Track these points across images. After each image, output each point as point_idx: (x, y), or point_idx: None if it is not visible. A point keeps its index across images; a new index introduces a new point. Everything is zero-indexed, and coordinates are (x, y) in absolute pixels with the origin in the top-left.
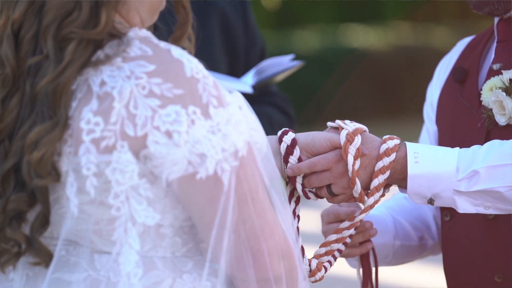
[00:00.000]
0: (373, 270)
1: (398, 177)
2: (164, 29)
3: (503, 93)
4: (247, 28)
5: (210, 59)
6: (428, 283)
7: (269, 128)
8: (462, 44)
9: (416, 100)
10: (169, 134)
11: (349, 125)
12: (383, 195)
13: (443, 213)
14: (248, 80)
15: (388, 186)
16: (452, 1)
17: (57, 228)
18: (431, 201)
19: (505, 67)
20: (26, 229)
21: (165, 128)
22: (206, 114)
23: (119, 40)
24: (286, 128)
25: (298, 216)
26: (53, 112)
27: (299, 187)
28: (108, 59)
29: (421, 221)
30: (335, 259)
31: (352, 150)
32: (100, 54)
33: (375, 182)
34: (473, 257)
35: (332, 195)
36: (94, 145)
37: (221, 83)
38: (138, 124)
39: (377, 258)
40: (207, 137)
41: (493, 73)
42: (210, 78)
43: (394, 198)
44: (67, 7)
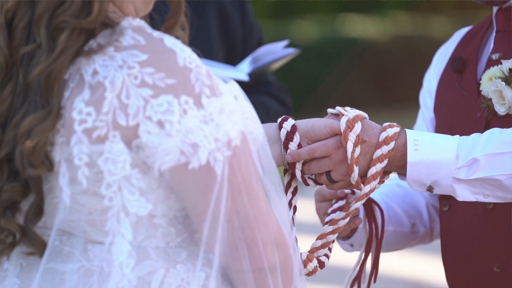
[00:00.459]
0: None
1: (398, 164)
2: (158, 18)
3: (503, 83)
4: (244, 18)
5: (207, 50)
6: (427, 274)
7: (265, 117)
8: (460, 34)
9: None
10: (161, 124)
11: (350, 112)
12: (383, 182)
13: (442, 203)
14: (244, 68)
15: (388, 173)
16: None
17: (51, 218)
18: (431, 189)
19: (505, 57)
20: (21, 219)
21: (157, 118)
22: (199, 104)
23: (112, 30)
24: (286, 116)
25: (295, 207)
26: (46, 101)
27: (299, 174)
28: (101, 49)
29: (414, 208)
30: (330, 251)
31: (352, 137)
32: (93, 44)
33: (372, 170)
34: (472, 247)
35: (332, 182)
36: (86, 135)
37: (217, 72)
38: (130, 114)
39: (383, 212)
40: (200, 127)
41: (492, 63)
42: (203, 68)
43: (387, 185)
44: None
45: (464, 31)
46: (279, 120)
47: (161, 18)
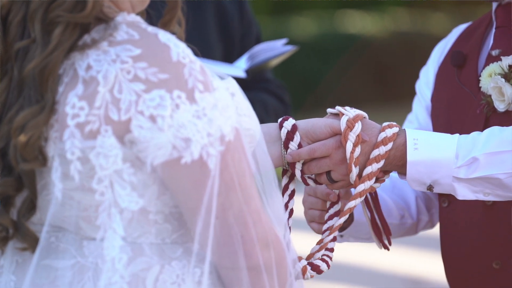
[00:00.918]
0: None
1: (398, 164)
2: (154, 15)
3: (502, 79)
4: (243, 16)
5: (205, 47)
6: (425, 271)
7: (264, 115)
8: (458, 30)
9: (414, 86)
10: (153, 119)
11: (350, 111)
12: (383, 181)
13: (441, 200)
14: (241, 65)
15: (388, 173)
16: None
17: (46, 214)
18: (431, 188)
19: (504, 53)
20: (15, 214)
21: (149, 113)
22: (192, 99)
23: (106, 25)
24: (287, 116)
25: (292, 210)
26: (40, 96)
27: (298, 174)
28: (95, 43)
29: (403, 200)
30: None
31: (352, 137)
32: (87, 38)
33: (368, 170)
34: (471, 244)
35: (332, 182)
36: (79, 130)
37: (214, 68)
38: (122, 109)
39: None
40: (192, 122)
41: (492, 59)
42: (197, 63)
43: None
44: None
45: (463, 27)
46: (280, 120)
47: (158, 15)
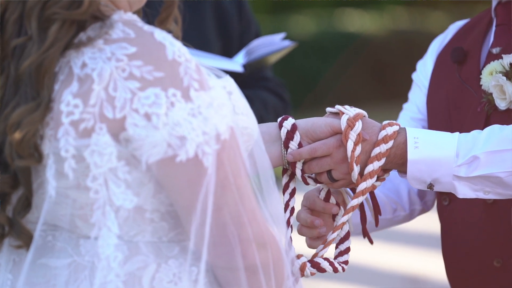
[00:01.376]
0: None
1: (398, 162)
2: (151, 13)
3: (504, 78)
4: (242, 14)
5: (204, 46)
6: (424, 268)
7: (264, 112)
8: (456, 27)
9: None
10: (148, 117)
11: (350, 110)
12: (384, 179)
13: (442, 198)
14: (239, 60)
15: (388, 171)
16: None
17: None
18: (431, 186)
19: (505, 51)
20: (11, 212)
21: (144, 111)
22: (187, 97)
23: (102, 23)
24: (286, 115)
25: (293, 208)
26: (36, 93)
27: (299, 173)
28: (90, 41)
29: (395, 193)
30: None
31: (353, 136)
32: (83, 36)
33: (370, 168)
34: (472, 242)
35: (332, 181)
36: (73, 128)
37: (211, 63)
38: (117, 107)
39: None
40: (188, 120)
41: (493, 57)
42: (193, 62)
43: None
44: None
45: (460, 24)
46: (279, 119)
47: (156, 13)
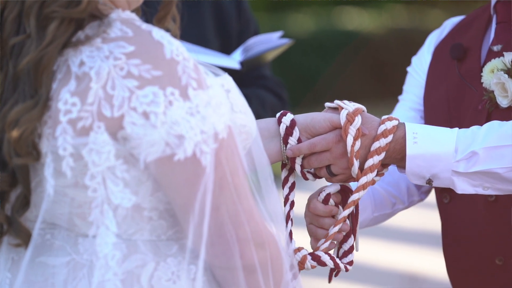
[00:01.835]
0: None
1: (397, 157)
2: (149, 11)
3: (505, 75)
4: (241, 13)
5: (203, 45)
6: (423, 266)
7: (261, 111)
8: (451, 23)
9: None
10: (146, 115)
11: (349, 105)
12: (382, 174)
13: (442, 195)
14: (237, 57)
15: (386, 166)
16: None
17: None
18: (430, 182)
19: (506, 49)
20: (10, 210)
21: (142, 109)
22: (185, 96)
23: (100, 21)
24: (285, 111)
25: (293, 202)
26: (34, 91)
27: (298, 168)
28: (88, 40)
29: (394, 186)
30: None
31: (352, 131)
32: (81, 35)
33: (370, 162)
34: (474, 240)
35: (332, 175)
36: (71, 126)
37: (209, 60)
38: (115, 105)
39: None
40: (186, 119)
41: (493, 55)
42: (191, 61)
43: None
44: None
45: (456, 20)
46: (278, 115)
47: (154, 12)
